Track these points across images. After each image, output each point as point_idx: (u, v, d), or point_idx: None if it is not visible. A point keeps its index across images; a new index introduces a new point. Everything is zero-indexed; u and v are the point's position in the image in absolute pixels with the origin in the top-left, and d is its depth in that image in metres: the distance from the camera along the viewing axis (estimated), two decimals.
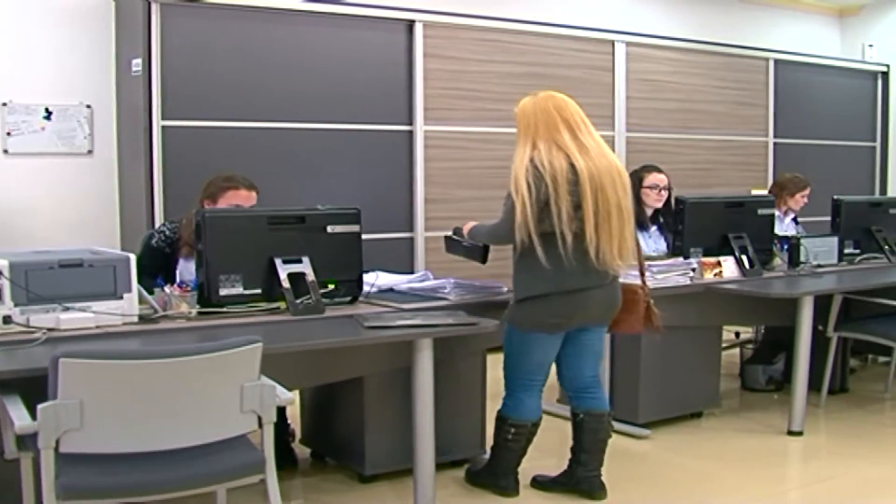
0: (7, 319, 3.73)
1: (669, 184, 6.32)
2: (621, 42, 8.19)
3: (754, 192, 8.31)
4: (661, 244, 6.28)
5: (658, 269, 5.42)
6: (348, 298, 4.59)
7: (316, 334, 4.04)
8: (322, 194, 5.99)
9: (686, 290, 5.53)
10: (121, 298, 3.97)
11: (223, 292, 4.25)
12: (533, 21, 7.74)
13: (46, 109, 6.51)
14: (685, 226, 5.87)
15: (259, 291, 4.34)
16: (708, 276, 5.67)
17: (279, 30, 6.52)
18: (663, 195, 6.27)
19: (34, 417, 2.97)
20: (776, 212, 7.04)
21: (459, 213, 6.81)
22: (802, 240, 6.35)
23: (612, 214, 4.19)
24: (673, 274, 5.50)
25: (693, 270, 5.62)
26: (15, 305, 3.76)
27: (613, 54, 8.14)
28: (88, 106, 6.58)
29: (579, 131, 4.26)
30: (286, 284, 4.30)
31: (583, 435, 4.55)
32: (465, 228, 4.71)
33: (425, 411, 4.24)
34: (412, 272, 5.52)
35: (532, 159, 4.18)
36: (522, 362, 4.44)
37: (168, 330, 4.00)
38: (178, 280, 4.48)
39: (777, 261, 6.22)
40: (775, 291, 5.66)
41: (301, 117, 6.60)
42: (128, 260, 4.01)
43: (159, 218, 5.98)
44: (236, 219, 4.47)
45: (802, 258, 6.22)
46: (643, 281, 4.62)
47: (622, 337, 5.45)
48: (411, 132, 7.06)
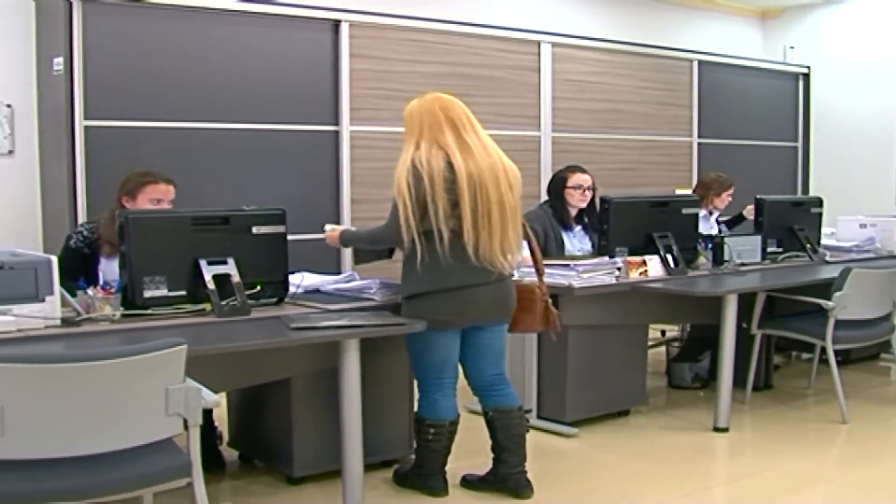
0: None
1: (594, 184, 6.35)
2: (547, 43, 8.21)
3: (678, 192, 8.38)
4: (586, 244, 6.31)
5: (583, 269, 5.46)
6: (274, 299, 4.57)
7: (242, 336, 4.02)
8: (247, 195, 5.93)
9: (612, 290, 5.58)
10: (43, 301, 3.91)
11: (147, 294, 4.20)
12: (459, 21, 7.73)
13: None
14: (610, 225, 5.91)
15: (184, 293, 4.30)
16: (633, 276, 5.71)
17: (204, 29, 6.45)
18: (587, 195, 6.30)
19: None
20: (702, 211, 7.13)
21: (385, 214, 6.78)
22: (726, 239, 6.42)
23: (493, 212, 4.24)
24: (598, 273, 5.54)
25: (618, 270, 5.66)
26: None
27: (539, 55, 8.15)
28: (9, 105, 6.46)
29: (464, 130, 4.31)
30: (211, 286, 4.26)
31: (496, 432, 4.59)
32: (334, 235, 4.76)
33: (353, 412, 4.24)
34: (338, 273, 5.49)
35: (413, 160, 4.25)
36: (425, 361, 4.48)
37: (91, 333, 3.95)
38: (102, 280, 4.44)
39: (701, 259, 6.28)
40: (700, 290, 5.72)
41: (226, 117, 6.53)
42: (49, 262, 3.95)
43: (82, 219, 5.89)
44: (160, 220, 4.43)
45: (726, 257, 6.30)
46: (540, 280, 4.65)
47: (549, 337, 5.47)
48: (337, 132, 7.02)
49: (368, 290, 4.75)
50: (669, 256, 5.93)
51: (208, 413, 4.54)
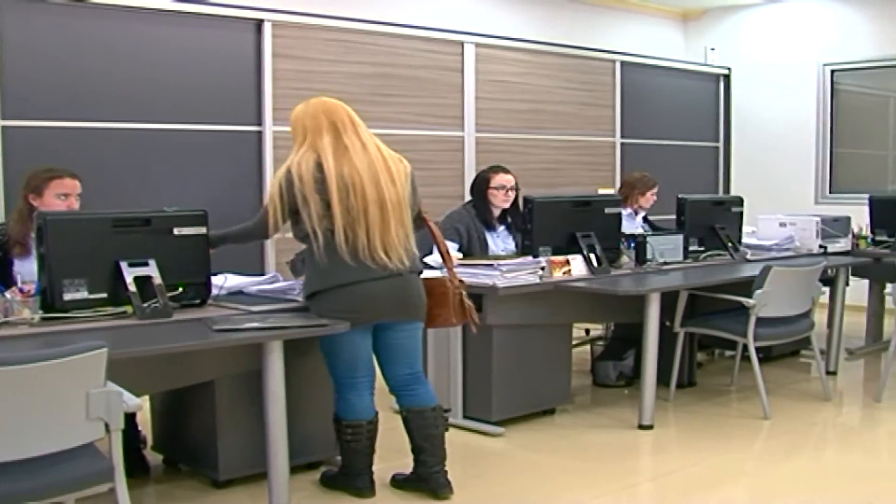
0: None
1: (517, 184, 6.37)
2: (470, 43, 8.23)
3: (601, 192, 8.44)
4: (510, 244, 6.33)
5: (507, 269, 5.47)
6: (197, 301, 4.53)
7: (164, 338, 3.97)
8: (169, 196, 5.89)
9: (536, 289, 5.59)
10: None
11: (67, 297, 4.14)
12: (383, 22, 7.72)
13: None
14: (533, 225, 5.93)
15: (105, 296, 4.24)
16: (557, 275, 5.73)
17: (123, 27, 6.36)
18: (511, 195, 6.32)
19: None
20: (626, 210, 7.19)
21: None
22: (649, 238, 6.47)
23: (371, 210, 4.27)
24: (522, 273, 5.56)
25: (542, 269, 5.68)
26: None
27: (462, 55, 8.17)
28: None
29: (343, 133, 4.38)
30: (132, 288, 4.21)
31: (412, 433, 4.60)
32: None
33: (277, 414, 4.21)
34: (261, 274, 5.45)
35: (289, 166, 4.33)
36: (336, 361, 4.48)
37: (10, 337, 3.87)
38: (19, 282, 4.37)
39: (624, 259, 6.32)
40: (623, 289, 5.75)
41: (147, 117, 6.46)
42: None
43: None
44: (79, 221, 4.35)
45: (649, 256, 6.34)
46: (451, 273, 4.65)
47: (474, 336, 5.49)
48: (260, 133, 6.97)
49: (292, 292, 4.73)
50: (592, 256, 5.96)
51: (131, 417, 4.48)
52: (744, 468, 5.23)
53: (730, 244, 6.95)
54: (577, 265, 5.87)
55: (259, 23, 6.95)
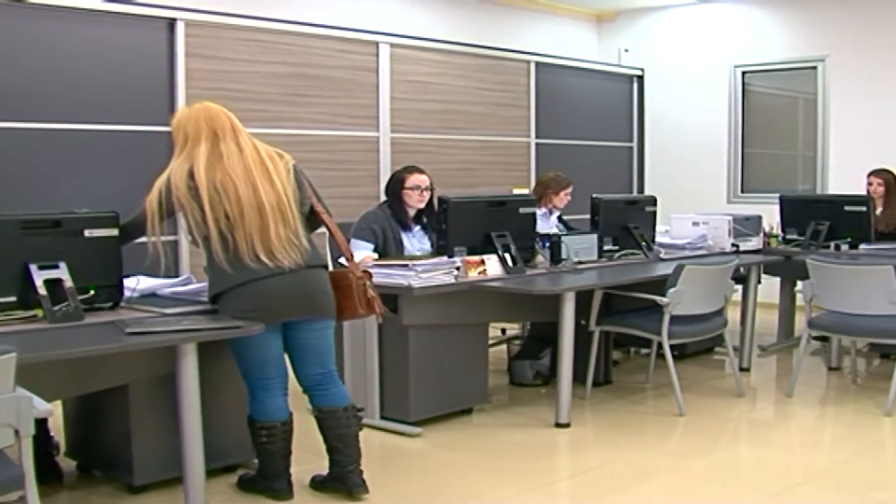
0: None
1: (432, 184, 6.37)
2: (385, 43, 8.20)
3: (516, 192, 8.46)
4: (426, 244, 6.32)
5: (423, 269, 5.46)
6: (109, 304, 4.47)
7: (75, 342, 3.91)
8: (80, 197, 5.80)
9: (451, 289, 5.60)
10: None
11: None
12: (298, 22, 7.66)
13: None
14: (448, 225, 5.93)
15: (14, 299, 4.17)
16: (472, 275, 5.75)
17: (32, 25, 6.24)
18: (425, 196, 6.31)
19: None
20: (541, 210, 7.22)
21: None
22: (563, 237, 6.51)
23: (247, 214, 4.25)
24: (437, 273, 5.55)
25: (457, 269, 5.68)
26: None
27: (377, 55, 8.14)
28: None
29: (222, 140, 4.36)
30: (42, 291, 4.14)
31: (325, 432, 4.59)
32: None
33: (192, 417, 4.16)
34: (175, 276, 5.38)
35: (169, 175, 4.33)
36: (247, 362, 4.45)
37: None
38: None
39: (539, 258, 6.35)
40: (538, 288, 5.79)
41: (57, 117, 6.34)
42: None
43: None
44: None
45: (563, 255, 6.38)
46: (353, 265, 4.63)
47: (390, 336, 5.48)
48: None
49: (204, 294, 4.66)
50: (507, 255, 5.98)
51: (42, 423, 4.40)
52: (660, 464, 5.27)
53: (643, 243, 7.02)
54: (493, 265, 5.88)
55: (171, 22, 6.86)
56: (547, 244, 6.43)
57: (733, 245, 7.66)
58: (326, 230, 4.70)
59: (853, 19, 10.19)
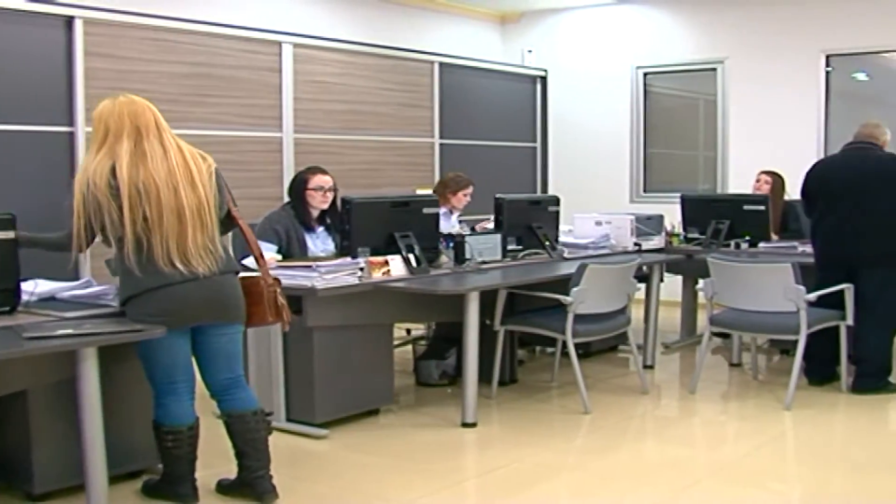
0: None
1: (335, 184, 6.34)
2: (288, 43, 8.13)
3: (419, 192, 8.45)
4: (329, 244, 6.30)
5: (326, 270, 5.44)
6: (6, 308, 4.37)
7: None
8: None
9: (355, 290, 5.58)
10: None
11: None
12: (200, 21, 7.55)
13: None
14: (352, 226, 5.91)
15: None
16: (376, 275, 5.72)
17: None
18: (329, 196, 6.28)
19: None
20: (442, 210, 7.22)
21: None
22: (467, 237, 6.51)
23: (166, 218, 4.18)
24: (341, 274, 5.53)
25: (361, 270, 5.67)
26: None
27: (280, 55, 8.07)
28: None
29: (145, 138, 4.27)
30: None
31: (234, 437, 4.52)
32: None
33: (93, 423, 4.09)
34: (75, 279, 5.27)
35: (87, 171, 4.22)
36: (154, 366, 4.37)
37: None
38: None
39: (443, 258, 6.35)
40: (442, 288, 5.79)
41: None
42: None
43: None
44: None
45: (467, 255, 6.38)
46: (265, 272, 4.57)
47: (295, 338, 5.43)
48: (72, 133, 6.73)
49: (106, 297, 4.59)
50: (411, 256, 5.97)
51: None
52: (566, 462, 5.31)
53: (547, 243, 7.05)
54: (396, 265, 5.87)
55: (69, 20, 6.70)
56: (451, 244, 6.43)
57: (636, 244, 7.74)
58: (242, 235, 4.63)
59: (751, 22, 10.37)
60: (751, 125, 10.42)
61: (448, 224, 7.35)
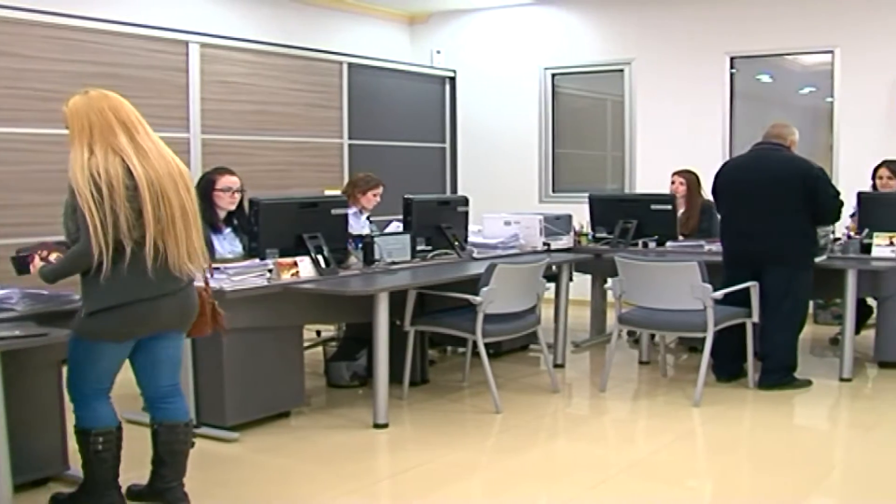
0: None
1: (242, 186, 6.29)
2: (195, 43, 8.05)
3: (328, 193, 8.41)
4: (237, 246, 6.25)
5: (234, 271, 5.39)
6: None
7: None
8: None
9: (264, 291, 5.56)
10: None
11: None
12: (105, 19, 7.42)
13: None
14: (260, 227, 5.86)
15: None
16: (285, 277, 5.69)
17: None
18: (236, 197, 6.24)
19: None
20: (352, 210, 7.19)
21: (28, 220, 6.57)
22: (376, 238, 6.50)
23: (177, 218, 4.03)
24: (250, 276, 5.49)
25: (270, 271, 5.64)
26: None
27: (187, 55, 7.98)
28: None
29: (136, 133, 4.05)
30: None
31: (158, 446, 4.41)
32: (35, 269, 4.30)
33: None
34: None
35: (90, 169, 3.92)
36: (89, 371, 4.21)
37: None
38: None
39: (352, 259, 6.32)
40: (351, 289, 5.77)
41: None
42: None
43: None
44: None
45: (377, 256, 6.36)
46: (206, 282, 4.49)
47: (203, 341, 5.36)
48: None
49: (9, 301, 4.47)
50: (320, 257, 5.94)
51: None
52: (479, 462, 5.33)
53: (456, 243, 7.05)
54: (305, 267, 5.84)
55: None
56: (360, 244, 6.41)
57: (544, 244, 7.79)
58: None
59: (657, 24, 10.50)
60: (658, 126, 10.54)
61: (358, 224, 7.32)
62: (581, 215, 8.46)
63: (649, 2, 10.51)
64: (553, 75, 11.30)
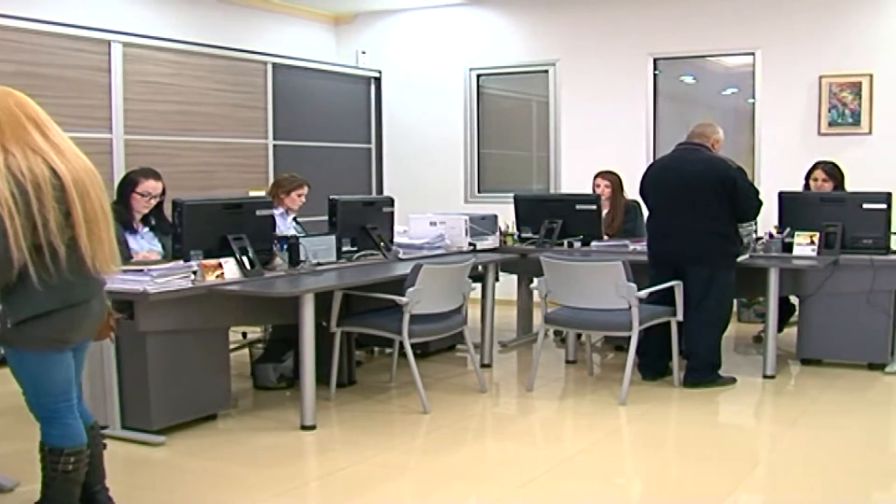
0: None
1: (164, 188, 6.24)
2: (118, 42, 7.96)
3: (252, 194, 8.36)
4: (156, 246, 6.21)
5: (158, 273, 5.33)
6: None
7: None
8: None
9: (189, 293, 5.50)
10: None
11: None
12: (25, 18, 7.33)
13: None
14: (184, 228, 5.80)
15: None
16: (210, 279, 5.64)
17: None
18: (151, 204, 6.19)
19: None
20: (279, 211, 7.15)
21: None
22: (301, 239, 6.46)
23: (99, 218, 3.86)
24: (173, 277, 5.43)
25: (194, 273, 5.58)
26: None
27: (110, 55, 7.89)
28: None
29: (48, 131, 3.86)
30: None
31: None
32: None
33: None
34: None
35: (9, 167, 3.71)
36: (49, 387, 3.98)
37: None
38: None
39: (278, 260, 6.28)
40: (277, 290, 5.75)
41: None
42: None
43: None
44: None
45: (302, 257, 6.33)
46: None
47: (127, 344, 5.31)
48: None
49: None
50: (245, 258, 5.89)
51: None
52: (408, 462, 5.32)
53: (382, 244, 7.04)
54: (230, 268, 5.79)
55: None
56: (285, 246, 6.37)
57: (470, 244, 7.80)
58: None
59: (581, 25, 10.58)
60: (582, 126, 10.61)
61: (285, 226, 7.29)
62: (507, 215, 8.48)
63: (574, 3, 10.58)
64: (478, 76, 11.33)
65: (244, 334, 8.02)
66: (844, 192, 7.76)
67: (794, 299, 7.76)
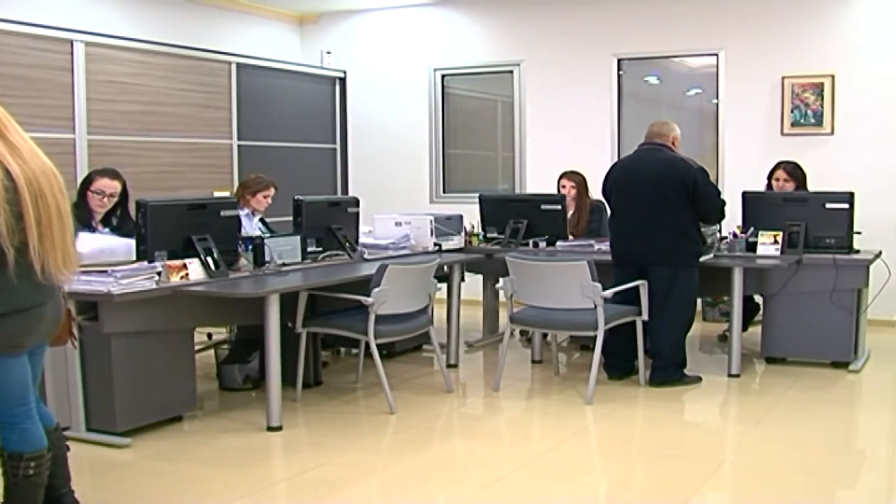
0: None
1: (125, 188, 6.22)
2: (80, 42, 7.90)
3: (217, 194, 8.33)
4: None
5: (122, 274, 5.31)
6: None
7: None
8: None
9: (153, 294, 5.48)
10: None
11: None
12: None
13: None
14: (148, 229, 5.76)
15: None
16: (174, 279, 5.62)
17: None
18: (106, 203, 6.20)
19: None
20: (244, 212, 7.13)
21: None
22: (266, 239, 6.45)
23: (54, 221, 3.77)
24: (138, 278, 5.41)
25: (159, 274, 5.56)
26: None
27: (72, 54, 7.84)
28: None
29: (7, 131, 3.79)
30: None
31: None
32: None
33: None
34: None
35: None
36: (8, 388, 3.92)
37: None
38: None
39: (243, 261, 6.26)
40: (242, 291, 5.74)
41: None
42: None
43: None
44: None
45: (267, 258, 6.32)
46: (63, 291, 4.18)
47: (91, 345, 5.27)
48: None
49: None
50: (210, 259, 5.87)
51: None
52: (375, 463, 5.32)
53: (347, 244, 7.03)
54: (195, 269, 5.78)
55: None
56: (250, 246, 6.36)
57: (436, 244, 7.81)
58: None
59: (546, 26, 10.58)
60: (547, 126, 10.62)
61: (251, 226, 7.27)
62: (472, 216, 8.49)
63: (538, 4, 10.59)
64: (443, 76, 11.33)
65: (209, 335, 8.00)
66: (808, 192, 7.82)
67: (759, 298, 7.81)
